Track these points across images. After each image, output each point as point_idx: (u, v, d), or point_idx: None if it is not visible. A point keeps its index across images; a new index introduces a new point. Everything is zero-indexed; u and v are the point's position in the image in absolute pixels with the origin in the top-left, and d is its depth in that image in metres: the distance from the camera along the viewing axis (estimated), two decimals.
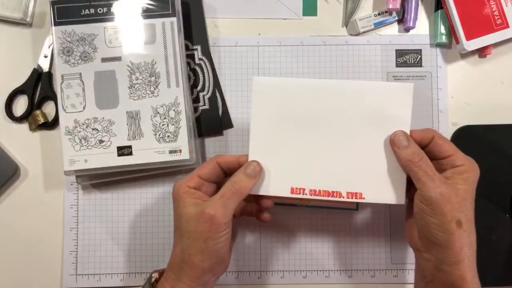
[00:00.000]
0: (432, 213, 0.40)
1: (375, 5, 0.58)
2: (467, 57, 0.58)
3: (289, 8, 0.58)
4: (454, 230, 0.39)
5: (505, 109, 0.57)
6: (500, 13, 0.54)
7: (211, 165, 0.45)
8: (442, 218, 0.39)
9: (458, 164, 0.42)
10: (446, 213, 0.39)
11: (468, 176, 0.41)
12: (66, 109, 0.52)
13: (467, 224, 0.40)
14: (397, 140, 0.43)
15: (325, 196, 0.45)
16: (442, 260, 0.40)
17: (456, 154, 0.42)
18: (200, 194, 0.44)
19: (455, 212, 0.39)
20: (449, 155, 0.42)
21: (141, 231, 0.56)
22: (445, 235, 0.40)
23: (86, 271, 0.55)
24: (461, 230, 0.40)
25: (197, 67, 0.57)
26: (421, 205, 0.41)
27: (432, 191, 0.40)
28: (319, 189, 0.45)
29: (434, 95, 0.57)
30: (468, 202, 0.41)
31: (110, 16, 0.52)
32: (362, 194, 0.45)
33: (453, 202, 0.40)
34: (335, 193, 0.45)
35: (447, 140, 0.43)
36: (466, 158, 0.42)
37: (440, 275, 0.41)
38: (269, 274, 0.56)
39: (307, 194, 0.45)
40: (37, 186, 0.56)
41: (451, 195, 0.40)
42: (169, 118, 0.52)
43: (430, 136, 0.43)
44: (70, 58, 0.52)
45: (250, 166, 0.44)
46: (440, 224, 0.40)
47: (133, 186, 0.56)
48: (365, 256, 0.56)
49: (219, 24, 0.58)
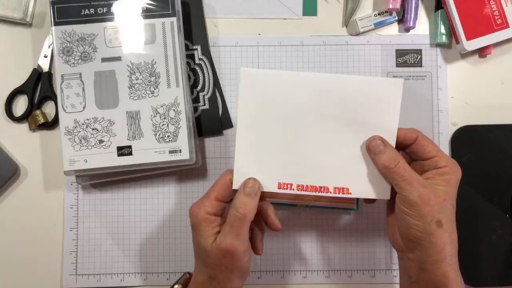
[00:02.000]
0: (412, 215, 0.40)
1: (375, 5, 0.58)
2: (467, 57, 0.58)
3: (289, 8, 0.58)
4: (434, 230, 0.40)
5: (505, 109, 0.57)
6: (500, 13, 0.54)
7: (226, 185, 0.44)
8: (422, 219, 0.40)
9: (440, 166, 0.42)
10: (425, 214, 0.40)
11: (450, 177, 0.42)
12: (66, 109, 0.52)
13: (448, 224, 0.41)
14: (372, 146, 0.43)
15: (312, 191, 0.44)
16: (424, 259, 0.41)
17: (438, 155, 0.43)
18: (218, 221, 0.43)
19: (434, 213, 0.40)
20: (432, 156, 0.43)
21: (141, 231, 0.56)
22: (426, 236, 0.40)
23: (86, 271, 0.55)
24: (441, 230, 0.40)
25: (197, 67, 0.57)
26: (401, 207, 0.41)
27: (411, 194, 0.40)
28: (306, 185, 0.44)
29: (434, 95, 0.57)
30: (448, 202, 0.41)
31: (110, 16, 0.52)
32: (349, 189, 0.44)
33: (432, 204, 0.40)
34: (322, 188, 0.44)
35: (431, 141, 0.44)
36: (448, 160, 0.43)
37: (423, 275, 0.41)
38: (269, 274, 0.56)
39: (294, 189, 0.44)
40: (37, 186, 0.56)
41: (430, 196, 0.40)
42: (169, 118, 0.52)
43: (414, 136, 0.43)
44: (70, 58, 0.52)
45: (247, 186, 0.43)
46: (421, 225, 0.40)
47: (133, 186, 0.56)
48: (365, 256, 0.56)
49: (219, 24, 0.58)
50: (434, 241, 0.40)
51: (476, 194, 0.55)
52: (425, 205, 0.40)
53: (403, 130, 0.44)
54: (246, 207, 0.42)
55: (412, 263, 0.42)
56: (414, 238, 0.41)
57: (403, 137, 0.44)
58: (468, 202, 0.54)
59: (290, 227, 0.56)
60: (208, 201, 0.43)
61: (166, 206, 0.56)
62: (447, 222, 0.41)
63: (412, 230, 0.41)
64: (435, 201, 0.40)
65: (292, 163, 0.44)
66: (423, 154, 0.43)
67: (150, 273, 0.56)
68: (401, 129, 0.44)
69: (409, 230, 0.41)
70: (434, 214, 0.40)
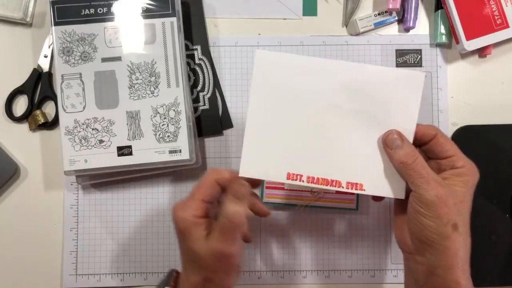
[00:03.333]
0: (428, 216, 0.39)
1: (375, 5, 0.58)
2: (467, 57, 0.58)
3: (289, 8, 0.58)
4: (450, 233, 0.38)
5: (505, 109, 0.57)
6: (500, 13, 0.54)
7: (211, 186, 0.41)
8: (437, 221, 0.38)
9: (458, 166, 0.41)
10: (442, 216, 0.38)
11: (468, 179, 0.40)
12: (66, 109, 0.52)
13: (463, 228, 0.39)
14: (389, 140, 0.41)
15: (323, 184, 0.42)
16: (435, 263, 0.39)
17: (457, 155, 0.41)
18: (209, 222, 0.41)
19: (451, 215, 0.38)
20: (450, 155, 0.41)
21: (141, 231, 0.56)
22: (440, 238, 0.39)
23: (86, 271, 0.55)
24: (457, 233, 0.39)
25: (197, 67, 0.57)
26: (416, 207, 0.39)
27: (428, 193, 0.39)
28: (317, 177, 0.42)
29: (434, 95, 0.57)
30: (465, 205, 0.40)
31: (110, 16, 0.52)
32: (362, 185, 0.42)
33: (449, 205, 0.38)
34: (334, 182, 0.42)
35: (449, 140, 0.42)
36: (467, 161, 0.41)
37: (433, 279, 0.40)
38: (269, 274, 0.56)
39: (304, 181, 0.42)
40: (37, 186, 0.56)
41: (448, 197, 0.39)
42: (169, 118, 0.52)
43: (433, 133, 0.42)
44: (70, 58, 0.52)
45: (234, 188, 0.40)
46: (436, 227, 0.39)
47: (133, 186, 0.56)
48: (365, 256, 0.56)
49: (219, 24, 0.58)
50: (449, 245, 0.38)
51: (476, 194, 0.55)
52: (443, 206, 0.38)
53: (421, 126, 0.42)
54: (237, 215, 0.39)
55: (421, 266, 0.41)
56: (427, 240, 0.39)
57: (421, 133, 0.42)
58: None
59: (290, 227, 0.56)
60: (194, 203, 0.40)
61: (166, 206, 0.56)
62: (463, 225, 0.39)
63: (426, 232, 0.39)
64: (453, 202, 0.39)
65: (303, 154, 0.42)
66: (440, 153, 0.41)
67: (150, 273, 0.56)
68: (420, 125, 0.42)
69: (422, 231, 0.39)
70: (451, 216, 0.38)
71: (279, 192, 0.54)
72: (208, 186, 0.41)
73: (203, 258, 0.40)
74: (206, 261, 0.40)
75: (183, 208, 0.40)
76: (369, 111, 0.42)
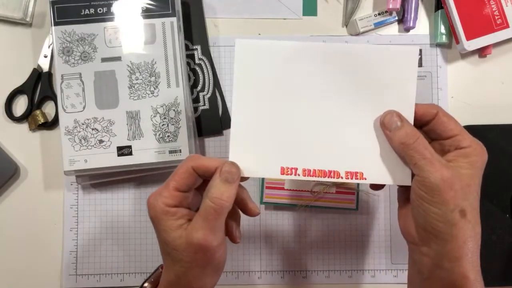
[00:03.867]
0: (432, 201, 0.35)
1: (375, 5, 0.58)
2: (467, 57, 0.58)
3: (289, 8, 0.58)
4: (457, 220, 0.35)
5: (505, 109, 0.57)
6: (500, 13, 0.54)
7: (187, 173, 0.38)
8: (443, 206, 0.35)
9: (463, 146, 0.37)
10: (448, 201, 0.34)
11: (475, 160, 0.36)
12: (66, 109, 0.52)
13: (472, 214, 0.35)
14: (387, 121, 0.38)
15: (320, 176, 0.39)
16: (442, 255, 0.36)
17: (462, 134, 0.37)
18: (182, 212, 0.37)
19: (458, 200, 0.35)
20: (453, 134, 0.37)
21: (141, 231, 0.56)
22: (447, 226, 0.35)
23: (86, 271, 0.55)
24: (465, 220, 0.35)
25: (197, 67, 0.57)
26: (419, 192, 0.36)
27: (432, 176, 0.35)
28: (313, 169, 0.39)
29: (434, 95, 0.57)
30: (473, 189, 0.36)
31: (110, 16, 0.52)
32: (363, 173, 0.39)
33: (456, 189, 0.35)
34: (332, 173, 0.39)
35: (453, 118, 0.38)
36: (473, 140, 0.37)
37: (439, 272, 0.36)
38: (269, 274, 0.56)
39: (300, 174, 0.39)
40: (37, 186, 0.56)
41: (454, 180, 0.35)
42: (169, 118, 0.52)
43: (434, 112, 0.38)
44: (70, 58, 0.52)
45: (224, 169, 0.37)
46: (441, 214, 0.35)
47: (133, 186, 0.56)
48: (365, 256, 0.56)
49: (219, 24, 0.58)
50: (456, 233, 0.35)
51: None
52: (448, 190, 0.34)
53: (421, 105, 0.39)
54: (222, 196, 0.36)
55: (426, 258, 0.37)
56: (433, 229, 0.36)
57: (421, 112, 0.38)
58: None
59: (290, 227, 0.56)
60: (167, 191, 0.37)
61: None
62: (471, 211, 0.35)
63: (430, 219, 0.35)
64: (459, 185, 0.35)
65: (296, 145, 0.39)
66: (443, 132, 0.38)
67: (150, 273, 0.55)
68: (419, 104, 0.39)
69: (427, 219, 0.36)
70: (458, 201, 0.35)
71: (279, 192, 0.54)
72: (183, 174, 0.38)
73: (177, 249, 0.36)
74: (181, 253, 0.36)
75: (155, 196, 0.38)
76: (362, 95, 0.39)
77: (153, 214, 0.37)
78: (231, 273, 0.56)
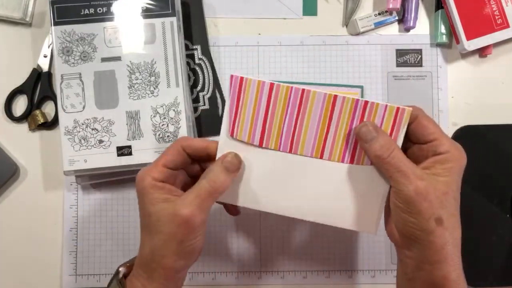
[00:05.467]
0: (408, 211, 0.36)
1: (375, 5, 0.58)
2: (467, 57, 0.58)
3: (289, 8, 0.58)
4: (433, 228, 0.36)
5: (505, 109, 0.57)
6: (500, 13, 0.54)
7: (176, 151, 0.40)
8: (418, 216, 0.36)
9: (441, 151, 0.37)
10: (422, 211, 0.36)
11: (452, 166, 0.37)
12: (65, 109, 0.52)
13: (449, 220, 0.36)
14: (363, 132, 0.38)
15: None
16: (422, 258, 0.37)
17: (440, 139, 0.38)
18: (169, 188, 0.39)
19: (433, 209, 0.36)
20: (433, 139, 0.38)
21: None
22: (424, 234, 0.36)
23: (85, 271, 0.55)
24: (442, 227, 0.36)
25: (197, 67, 0.57)
26: (396, 203, 0.37)
27: (406, 188, 0.36)
28: None
29: (434, 95, 0.57)
30: (450, 196, 0.36)
31: (109, 16, 0.52)
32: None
33: (430, 199, 0.36)
34: None
35: (433, 122, 0.39)
36: (451, 144, 0.37)
37: (421, 274, 0.37)
38: (269, 274, 0.56)
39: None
40: (36, 186, 0.56)
41: (429, 190, 0.36)
42: (169, 118, 0.52)
43: (414, 114, 0.39)
44: (70, 58, 0.52)
45: (227, 159, 0.39)
46: (417, 223, 0.36)
47: (133, 186, 0.56)
48: (365, 256, 0.56)
49: (219, 24, 0.58)
50: (433, 240, 0.36)
51: (476, 194, 0.55)
52: (422, 201, 0.35)
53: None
54: (218, 181, 0.38)
55: (409, 260, 0.38)
56: (411, 236, 0.37)
57: None
58: (468, 202, 0.54)
59: (290, 227, 0.56)
60: (156, 167, 0.39)
61: None
62: (448, 218, 0.36)
63: (408, 228, 0.37)
64: (434, 195, 0.36)
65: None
66: (423, 136, 0.38)
67: None
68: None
69: (405, 227, 0.37)
70: (433, 211, 0.36)
71: None
72: (173, 152, 0.40)
73: (160, 220, 0.38)
74: (162, 225, 0.37)
75: (144, 170, 0.40)
76: None
77: (140, 187, 0.39)
78: (231, 273, 0.56)
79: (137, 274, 0.40)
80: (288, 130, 0.41)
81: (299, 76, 0.57)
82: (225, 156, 0.40)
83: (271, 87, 0.40)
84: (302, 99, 0.40)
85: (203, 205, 0.38)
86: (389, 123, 0.39)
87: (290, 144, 0.41)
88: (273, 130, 0.41)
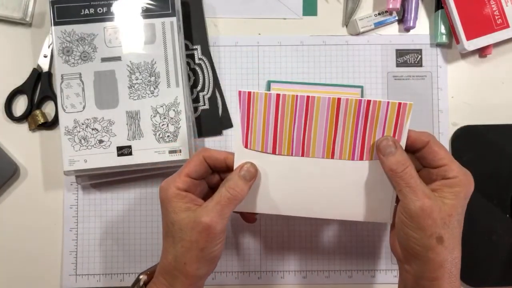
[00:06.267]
0: (412, 227, 0.38)
1: (375, 5, 0.58)
2: (467, 57, 0.58)
3: (289, 8, 0.58)
4: (433, 246, 0.37)
5: (505, 109, 0.57)
6: (500, 13, 0.54)
7: (199, 162, 0.42)
8: (421, 232, 0.38)
9: (450, 176, 0.39)
10: (425, 228, 0.37)
11: (459, 190, 0.39)
12: (65, 109, 0.52)
13: (450, 241, 0.38)
14: (383, 146, 0.40)
15: None
16: (421, 274, 0.39)
17: (450, 164, 0.40)
18: (191, 197, 0.41)
19: (436, 228, 0.37)
20: (442, 164, 0.40)
21: (141, 231, 0.56)
22: (424, 250, 0.38)
23: (86, 271, 0.55)
24: (442, 246, 0.37)
25: (197, 67, 0.57)
26: (401, 217, 0.39)
27: (413, 204, 0.38)
28: None
29: (434, 95, 0.57)
30: (454, 218, 0.38)
31: (109, 16, 0.52)
32: None
33: (434, 217, 0.37)
34: None
35: (444, 148, 0.41)
36: (460, 170, 0.40)
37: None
38: (269, 274, 0.56)
39: None
40: (36, 186, 0.56)
41: (434, 209, 0.37)
42: (169, 118, 0.52)
43: (425, 140, 0.41)
44: (70, 58, 0.52)
45: (244, 168, 0.42)
46: (419, 239, 0.38)
47: (133, 186, 0.56)
48: (365, 256, 0.56)
49: (219, 24, 0.58)
50: (432, 257, 0.38)
51: (476, 194, 0.55)
52: (426, 218, 0.37)
53: (414, 132, 0.41)
54: (238, 189, 0.41)
55: (408, 275, 0.40)
56: (412, 251, 0.39)
57: (413, 139, 0.41)
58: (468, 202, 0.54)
59: (290, 227, 0.56)
60: (179, 177, 0.41)
61: None
62: (449, 238, 0.38)
63: (410, 243, 0.39)
64: (439, 215, 0.37)
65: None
66: (432, 161, 0.40)
67: None
68: (413, 131, 0.41)
69: (407, 242, 0.39)
70: (436, 229, 0.37)
71: None
72: (195, 163, 0.42)
73: (182, 228, 0.39)
74: (184, 232, 0.39)
75: (168, 181, 0.42)
76: None
77: (164, 196, 0.41)
78: (231, 273, 0.56)
79: (158, 282, 0.41)
80: (298, 136, 0.43)
81: (299, 76, 0.57)
82: (242, 166, 0.42)
83: (277, 98, 0.42)
84: (308, 105, 0.42)
85: (223, 212, 0.40)
86: (393, 118, 0.41)
87: (302, 149, 0.43)
88: (284, 137, 0.43)
